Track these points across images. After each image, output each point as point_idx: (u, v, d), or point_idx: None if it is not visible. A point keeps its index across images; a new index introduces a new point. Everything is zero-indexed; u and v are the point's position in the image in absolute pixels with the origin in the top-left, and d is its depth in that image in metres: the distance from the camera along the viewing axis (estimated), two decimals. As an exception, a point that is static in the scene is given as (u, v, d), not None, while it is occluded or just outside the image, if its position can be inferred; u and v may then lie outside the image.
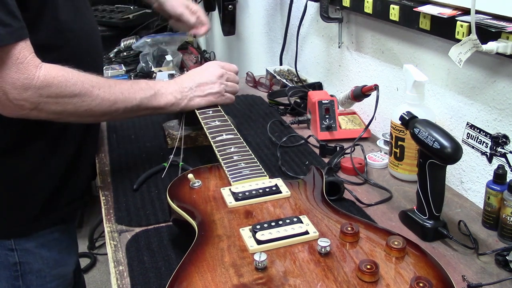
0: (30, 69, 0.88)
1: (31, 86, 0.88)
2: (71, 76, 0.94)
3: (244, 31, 2.53)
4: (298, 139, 1.38)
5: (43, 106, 0.91)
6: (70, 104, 0.94)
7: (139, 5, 2.93)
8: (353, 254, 0.77)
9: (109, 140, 1.40)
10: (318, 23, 1.69)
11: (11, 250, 1.09)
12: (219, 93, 1.19)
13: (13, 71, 0.87)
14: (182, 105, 1.14)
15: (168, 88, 1.12)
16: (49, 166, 1.07)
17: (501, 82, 0.99)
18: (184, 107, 1.15)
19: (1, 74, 0.86)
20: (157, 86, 1.10)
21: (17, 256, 1.09)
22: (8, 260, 1.09)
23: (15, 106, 0.89)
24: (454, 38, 1.02)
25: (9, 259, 1.09)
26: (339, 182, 1.09)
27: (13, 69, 0.87)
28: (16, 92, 0.88)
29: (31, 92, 0.89)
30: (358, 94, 1.32)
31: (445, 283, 0.72)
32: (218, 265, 0.75)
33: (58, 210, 1.12)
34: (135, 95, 1.05)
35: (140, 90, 1.06)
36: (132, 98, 1.04)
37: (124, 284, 0.87)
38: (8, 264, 1.09)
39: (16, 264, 1.10)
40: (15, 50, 0.87)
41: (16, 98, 0.88)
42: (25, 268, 1.11)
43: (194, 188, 0.95)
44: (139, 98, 1.05)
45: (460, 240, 0.94)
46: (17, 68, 0.87)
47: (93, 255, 2.63)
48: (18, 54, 0.87)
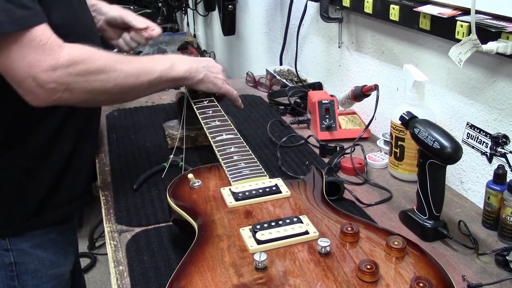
0: (55, 49, 0.88)
1: (58, 66, 0.88)
2: (93, 53, 0.95)
3: (244, 31, 2.53)
4: (298, 139, 1.38)
5: (74, 85, 0.91)
6: (98, 80, 0.94)
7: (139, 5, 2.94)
8: (353, 254, 0.77)
9: (109, 140, 1.40)
10: (318, 23, 1.69)
11: (6, 250, 1.08)
12: (224, 81, 1.21)
13: (39, 54, 0.86)
14: (199, 78, 1.15)
15: (184, 60, 1.14)
16: (46, 164, 1.07)
17: (501, 82, 0.99)
18: (199, 81, 1.15)
19: (28, 59, 0.86)
20: (173, 58, 1.12)
21: (13, 256, 1.09)
22: (4, 260, 1.09)
23: (46, 91, 0.88)
24: (454, 38, 1.02)
25: (4, 259, 1.09)
26: (339, 182, 1.09)
27: (39, 52, 0.86)
28: (46, 75, 0.87)
29: (59, 72, 0.88)
30: (358, 94, 1.32)
31: (445, 283, 0.72)
32: (218, 265, 0.75)
33: (54, 209, 1.12)
34: (155, 68, 1.06)
35: (158, 63, 1.07)
36: (152, 71, 1.05)
37: (124, 284, 0.87)
38: (4, 264, 1.09)
39: (11, 264, 1.10)
40: (38, 32, 0.87)
41: (46, 81, 0.87)
42: (21, 269, 1.11)
43: (194, 188, 0.95)
44: (159, 71, 1.06)
45: (460, 240, 0.94)
46: (43, 50, 0.87)
47: (93, 255, 2.63)
48: (41, 36, 0.87)
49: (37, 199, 1.08)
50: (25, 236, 1.09)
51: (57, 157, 1.09)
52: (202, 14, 3.32)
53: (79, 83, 0.91)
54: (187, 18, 3.65)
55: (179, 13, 3.77)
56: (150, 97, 1.74)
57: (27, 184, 1.06)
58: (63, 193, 1.12)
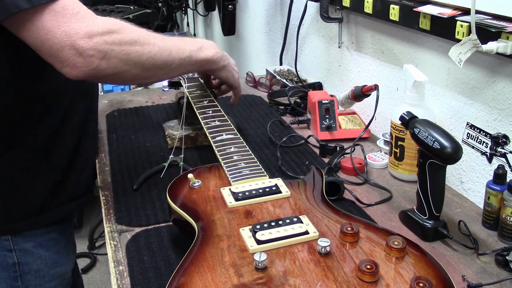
0: (88, 18, 0.88)
1: (94, 33, 0.88)
2: (126, 25, 0.95)
3: (244, 31, 2.53)
4: (298, 139, 1.38)
5: (111, 53, 0.91)
6: (133, 51, 0.94)
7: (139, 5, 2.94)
8: (353, 254, 0.77)
9: (109, 140, 1.40)
10: (318, 23, 1.69)
11: (10, 250, 1.09)
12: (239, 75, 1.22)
13: (73, 22, 0.86)
14: (224, 64, 1.17)
15: (211, 44, 1.15)
16: (49, 162, 1.07)
17: (501, 82, 0.99)
18: (222, 67, 1.17)
19: (64, 28, 0.86)
20: (201, 42, 1.14)
21: (16, 256, 1.09)
22: (7, 261, 1.09)
23: (85, 59, 0.88)
24: (454, 38, 1.02)
25: (7, 260, 1.09)
26: (339, 182, 1.09)
27: (73, 20, 0.86)
28: (83, 41, 0.87)
29: (96, 39, 0.88)
30: (358, 94, 1.32)
31: (445, 283, 0.72)
32: (218, 265, 0.75)
33: (57, 207, 1.12)
34: (185, 47, 1.06)
35: (188, 43, 1.08)
36: (183, 49, 1.05)
37: (124, 284, 0.87)
38: (7, 265, 1.09)
39: (15, 265, 1.10)
40: (70, 1, 0.87)
41: (84, 47, 0.87)
42: (24, 269, 1.11)
43: (194, 188, 0.95)
44: (189, 50, 1.07)
45: (460, 240, 0.94)
46: (76, 18, 0.87)
47: (93, 255, 2.63)
48: (74, 4, 0.87)
49: (41, 198, 1.08)
50: (28, 236, 1.10)
51: (60, 155, 1.09)
52: (202, 14, 3.32)
53: (115, 52, 0.91)
54: (187, 18, 3.65)
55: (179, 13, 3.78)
56: (150, 97, 1.75)
57: (31, 182, 1.06)
58: (66, 191, 1.13)
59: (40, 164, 1.06)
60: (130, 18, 2.70)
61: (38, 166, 1.06)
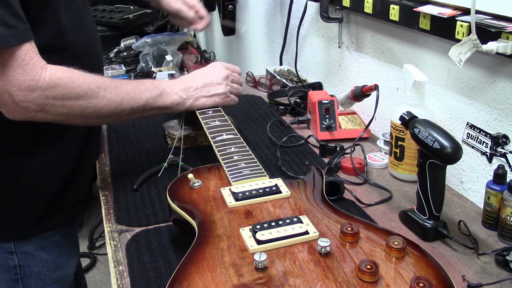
0: (36, 71, 0.88)
1: (37, 88, 0.88)
2: (77, 77, 0.94)
3: (244, 31, 2.53)
4: (298, 139, 1.38)
5: (49, 108, 0.91)
6: (76, 106, 0.94)
7: (139, 5, 2.94)
8: (353, 254, 0.77)
9: (109, 140, 1.40)
10: (318, 23, 1.69)
11: (11, 253, 1.08)
12: (225, 94, 1.18)
13: (19, 73, 0.86)
14: (187, 104, 1.13)
15: (173, 87, 1.11)
16: (54, 168, 1.07)
17: (501, 82, 0.99)
18: (189, 107, 1.14)
19: (7, 76, 0.86)
20: (163, 85, 1.10)
21: (17, 259, 1.09)
22: (8, 263, 1.09)
23: (21, 108, 0.89)
24: (454, 38, 1.02)
25: (8, 262, 1.09)
26: (339, 182, 1.09)
27: (19, 71, 0.86)
28: (22, 94, 0.87)
29: (37, 94, 0.88)
30: (358, 94, 1.32)
31: (445, 283, 0.72)
32: (218, 265, 0.75)
33: (61, 212, 1.12)
34: (141, 95, 1.04)
35: (146, 90, 1.06)
36: (138, 99, 1.04)
37: (124, 284, 0.87)
38: (8, 267, 1.09)
39: (15, 267, 1.10)
40: (21, 52, 0.87)
41: (22, 100, 0.88)
42: (25, 271, 1.11)
43: (194, 188, 0.95)
44: (145, 98, 1.05)
45: (460, 240, 0.94)
46: (23, 69, 0.87)
47: (93, 255, 2.63)
48: (24, 55, 0.87)
49: (44, 204, 1.08)
50: (30, 239, 1.09)
51: (64, 163, 1.09)
52: (202, 14, 3.31)
53: (55, 106, 0.92)
54: (187, 18, 3.64)
55: (179, 13, 3.76)
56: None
57: (36, 189, 1.06)
58: (69, 197, 1.13)
59: (44, 173, 1.06)
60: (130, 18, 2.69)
61: (41, 175, 1.06)
